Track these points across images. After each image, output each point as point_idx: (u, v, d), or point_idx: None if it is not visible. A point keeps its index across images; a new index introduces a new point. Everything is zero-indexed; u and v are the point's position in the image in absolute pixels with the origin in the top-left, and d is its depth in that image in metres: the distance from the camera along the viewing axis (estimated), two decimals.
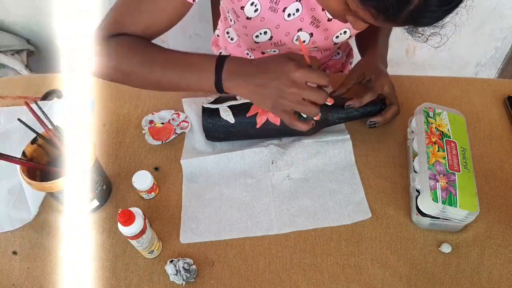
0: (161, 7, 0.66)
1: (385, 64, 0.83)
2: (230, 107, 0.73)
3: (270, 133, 0.75)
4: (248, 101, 0.72)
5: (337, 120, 0.75)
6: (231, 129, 0.73)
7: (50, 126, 0.65)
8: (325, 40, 0.82)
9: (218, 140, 0.78)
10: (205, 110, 0.74)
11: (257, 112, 0.72)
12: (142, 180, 0.69)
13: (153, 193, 0.72)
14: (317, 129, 0.74)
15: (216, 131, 0.74)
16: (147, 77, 0.65)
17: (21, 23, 1.43)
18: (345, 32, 0.80)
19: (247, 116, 0.72)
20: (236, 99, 0.74)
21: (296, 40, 0.80)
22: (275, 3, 0.73)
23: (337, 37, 0.81)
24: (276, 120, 0.72)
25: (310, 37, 0.80)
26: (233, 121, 0.72)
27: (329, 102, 0.64)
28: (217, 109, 0.73)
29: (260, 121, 0.72)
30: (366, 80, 0.79)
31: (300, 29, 0.79)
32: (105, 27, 0.67)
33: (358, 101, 0.73)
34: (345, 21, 0.61)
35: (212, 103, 0.74)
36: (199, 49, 1.52)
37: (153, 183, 0.71)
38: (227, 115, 0.72)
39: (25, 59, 1.43)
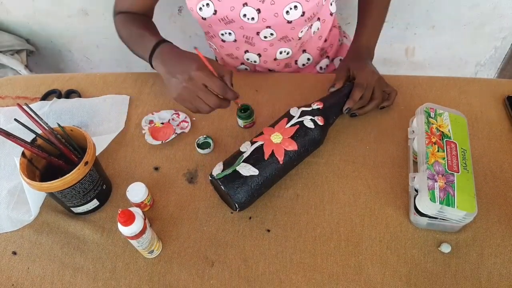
0: None
1: (370, 55, 0.86)
2: (244, 161, 0.66)
3: (293, 161, 0.70)
4: (254, 148, 0.68)
5: (335, 120, 0.79)
6: (260, 183, 0.66)
7: (46, 127, 0.65)
8: (276, 17, 0.80)
9: (251, 202, 0.69)
10: (223, 180, 0.65)
11: (273, 150, 0.67)
12: (136, 192, 0.67)
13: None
14: (323, 135, 0.74)
15: (246, 194, 0.65)
16: (130, 47, 0.82)
17: (21, 23, 1.43)
18: (295, 7, 0.78)
19: (265, 159, 0.67)
20: (242, 153, 0.68)
21: (244, 16, 0.80)
22: None
23: (287, 12, 0.79)
24: (293, 145, 0.69)
25: (258, 13, 0.79)
26: (258, 172, 0.65)
27: (319, 105, 0.73)
28: (235, 171, 0.65)
29: (279, 153, 0.67)
30: (352, 74, 0.80)
31: (246, 4, 0.78)
32: (114, 7, 0.86)
33: (352, 101, 0.76)
34: None
35: (223, 170, 0.66)
36: (199, 48, 1.52)
37: (148, 197, 0.69)
38: (248, 170, 0.65)
39: (25, 59, 1.42)
